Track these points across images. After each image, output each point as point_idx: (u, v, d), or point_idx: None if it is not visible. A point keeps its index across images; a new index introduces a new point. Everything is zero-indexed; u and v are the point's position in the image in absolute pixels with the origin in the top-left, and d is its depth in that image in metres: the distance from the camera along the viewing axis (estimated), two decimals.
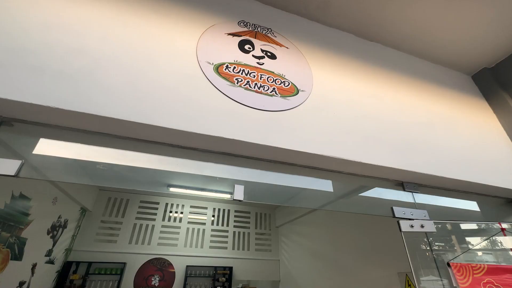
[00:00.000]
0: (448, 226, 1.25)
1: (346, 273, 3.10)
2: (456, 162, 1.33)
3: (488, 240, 1.29)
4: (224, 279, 4.62)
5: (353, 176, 1.21)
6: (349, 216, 3.26)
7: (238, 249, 5.11)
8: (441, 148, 1.35)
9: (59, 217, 3.54)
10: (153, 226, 4.77)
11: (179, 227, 4.92)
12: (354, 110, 1.26)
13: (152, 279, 4.33)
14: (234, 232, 5.23)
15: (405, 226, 1.16)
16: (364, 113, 1.27)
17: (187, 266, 4.54)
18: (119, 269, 4.16)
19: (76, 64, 0.85)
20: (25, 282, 2.96)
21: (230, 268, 4.74)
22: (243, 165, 1.03)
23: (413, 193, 1.29)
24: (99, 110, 0.79)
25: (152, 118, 0.84)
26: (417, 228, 1.15)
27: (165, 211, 4.99)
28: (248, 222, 5.44)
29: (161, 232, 4.77)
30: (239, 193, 0.93)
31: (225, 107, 0.98)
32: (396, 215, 1.15)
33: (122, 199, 4.82)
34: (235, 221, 5.35)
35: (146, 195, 4.98)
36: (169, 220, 4.95)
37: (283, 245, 5.22)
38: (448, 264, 1.08)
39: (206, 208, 5.28)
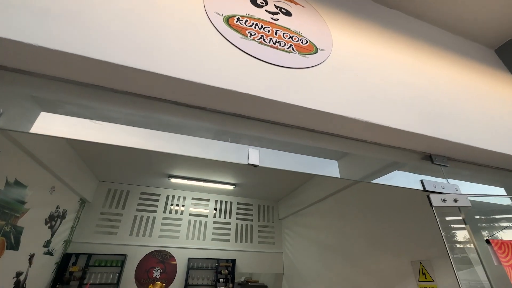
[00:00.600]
0: (483, 201, 1.13)
1: (354, 263, 3.00)
2: (486, 133, 1.21)
3: None
4: (227, 271, 4.52)
5: (378, 146, 1.09)
6: (357, 204, 3.15)
7: (241, 241, 5.01)
8: (471, 118, 1.23)
9: (57, 207, 3.43)
10: (154, 218, 4.67)
11: (180, 219, 4.81)
12: (378, 75, 1.13)
13: (154, 271, 4.24)
14: (236, 225, 5.13)
15: (436, 200, 1.04)
16: (388, 79, 1.14)
17: (189, 258, 4.45)
18: (119, 261, 4.07)
19: (66, 2, 0.73)
20: (22, 272, 2.86)
21: (233, 261, 4.64)
22: (258, 130, 0.90)
23: (442, 167, 1.16)
24: (91, 52, 0.67)
25: (155, 65, 0.72)
26: (450, 203, 1.03)
27: (166, 203, 4.88)
28: (251, 215, 5.33)
29: (162, 224, 4.67)
30: (254, 157, 0.80)
31: (237, 60, 0.85)
32: (427, 188, 1.03)
33: (122, 191, 4.71)
34: (237, 213, 5.24)
35: (147, 187, 4.87)
36: (170, 212, 4.85)
37: (287, 237, 5.12)
38: (488, 241, 0.96)
39: (208, 200, 5.17)
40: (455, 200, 1.03)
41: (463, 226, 1.02)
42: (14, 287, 2.75)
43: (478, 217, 1.13)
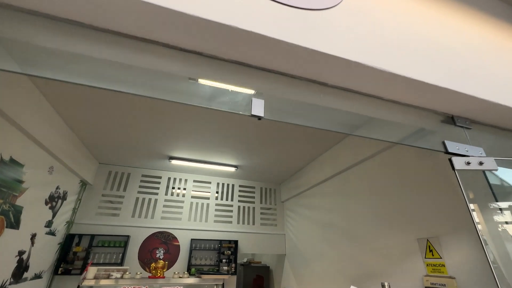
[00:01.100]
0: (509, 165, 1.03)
1: (358, 241, 2.97)
2: None
3: None
4: (229, 252, 4.55)
5: (396, 104, 0.98)
6: (362, 184, 3.07)
7: (243, 223, 5.01)
8: (498, 76, 1.10)
9: (57, 188, 3.39)
10: (156, 200, 4.65)
11: (182, 202, 4.80)
12: (401, 23, 1.00)
13: (157, 251, 4.27)
14: (238, 207, 5.12)
15: (459, 163, 0.94)
16: (412, 28, 1.01)
17: (191, 239, 4.46)
18: (122, 242, 4.08)
19: None
20: (24, 251, 2.86)
21: (236, 242, 4.66)
22: (265, 80, 0.79)
23: (465, 130, 1.06)
24: None
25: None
26: (474, 166, 0.93)
27: (168, 186, 4.85)
28: (253, 197, 5.31)
29: (164, 206, 4.65)
30: (258, 109, 0.70)
31: None
32: (449, 150, 0.93)
33: (123, 173, 4.66)
34: (239, 196, 5.22)
35: (148, 169, 4.82)
36: (172, 194, 4.83)
37: (289, 219, 5.12)
38: None
39: (209, 182, 5.13)
40: (480, 163, 0.93)
41: (489, 191, 0.93)
42: (17, 265, 2.75)
43: (500, 183, 1.04)
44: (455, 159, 0.94)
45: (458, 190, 1.93)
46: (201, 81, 0.73)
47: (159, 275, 2.64)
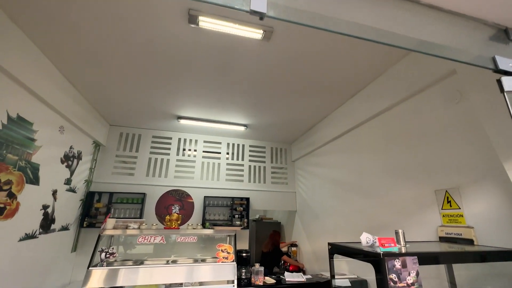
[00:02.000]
0: None
1: (370, 196, 2.92)
2: None
3: None
4: (241, 208, 4.71)
5: (438, 11, 0.78)
6: (376, 138, 2.91)
7: (254, 182, 5.09)
8: None
9: (71, 148, 3.45)
10: (168, 160, 4.73)
11: (194, 161, 4.86)
12: None
13: (172, 208, 4.47)
14: (249, 166, 5.15)
15: (509, 84, 0.76)
16: None
17: (204, 196, 4.61)
18: (139, 199, 4.28)
19: None
20: (48, 206, 3.03)
21: (247, 199, 4.79)
22: None
23: None
24: None
25: None
26: None
27: (179, 146, 4.88)
28: (264, 157, 5.30)
29: (176, 166, 4.74)
30: (259, 3, 0.54)
31: None
32: (500, 67, 0.75)
33: (134, 134, 4.70)
34: (250, 155, 5.22)
35: (158, 131, 4.82)
36: (183, 155, 4.88)
37: (300, 177, 5.14)
38: None
39: (220, 143, 5.11)
40: None
41: None
42: (43, 217, 2.95)
43: None
44: (504, 80, 0.76)
45: (486, 137, 1.75)
46: None
47: (173, 226, 2.76)
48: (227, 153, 5.16)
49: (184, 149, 4.92)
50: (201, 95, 3.41)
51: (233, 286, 2.51)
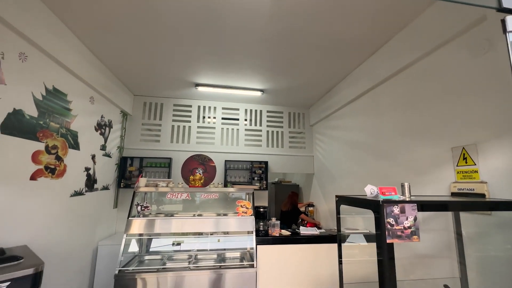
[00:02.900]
0: None
1: (386, 156, 2.94)
2: None
3: None
4: (260, 171, 4.95)
5: None
6: (394, 98, 2.82)
7: (272, 146, 5.24)
8: None
9: (102, 117, 3.77)
10: (189, 127, 4.98)
11: (214, 128, 5.07)
12: None
13: (196, 171, 4.79)
14: (267, 132, 5.26)
15: None
16: None
17: (225, 160, 4.89)
18: (166, 163, 4.67)
19: None
20: (90, 168, 3.46)
21: (266, 163, 4.99)
22: None
23: None
24: None
25: None
26: None
27: (199, 114, 5.07)
28: (281, 122, 5.36)
29: (198, 132, 5.00)
30: None
31: None
32: (504, 5, 0.73)
33: (157, 103, 4.94)
34: (268, 121, 5.30)
35: (178, 99, 5.01)
36: (203, 121, 5.09)
37: (318, 142, 5.18)
38: None
39: (238, 109, 5.22)
40: None
41: None
42: (87, 178, 3.39)
43: None
44: (509, 19, 0.74)
45: (508, 90, 1.65)
46: None
47: (197, 185, 3.04)
48: (245, 120, 5.28)
49: (204, 117, 5.11)
50: (216, 60, 3.44)
51: (252, 235, 2.81)
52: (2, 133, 2.08)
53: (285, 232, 3.04)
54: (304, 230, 3.09)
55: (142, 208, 2.76)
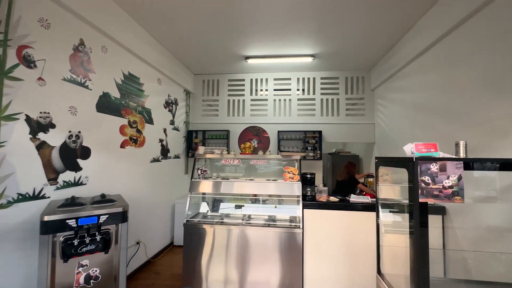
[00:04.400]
0: None
1: (456, 118, 2.48)
2: None
3: None
4: (314, 141, 4.88)
5: None
6: (475, 42, 2.27)
7: (327, 115, 5.03)
8: None
9: (169, 96, 4.37)
10: (243, 100, 5.23)
11: (266, 100, 5.18)
12: None
13: (252, 141, 5.12)
14: (321, 100, 5.05)
15: None
16: None
17: (278, 131, 5.00)
18: (224, 135, 5.12)
19: None
20: (163, 139, 4.14)
21: (320, 132, 4.87)
22: None
23: None
24: None
25: None
26: None
27: (251, 87, 5.24)
28: (337, 88, 5.02)
29: (251, 105, 5.21)
30: None
31: None
32: None
33: (214, 80, 5.33)
34: (321, 88, 5.05)
35: (232, 74, 5.26)
36: (256, 94, 5.25)
37: (379, 107, 4.68)
38: None
39: (289, 79, 5.13)
40: None
41: None
42: (161, 148, 4.09)
43: None
44: None
45: None
46: None
47: (247, 152, 3.29)
48: (298, 89, 5.16)
49: (256, 90, 5.25)
50: (262, 29, 3.43)
51: (299, 199, 2.93)
52: (98, 111, 2.71)
53: (333, 199, 3.04)
54: (354, 198, 3.00)
55: (202, 172, 3.21)
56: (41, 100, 2.08)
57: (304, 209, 2.90)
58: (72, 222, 1.70)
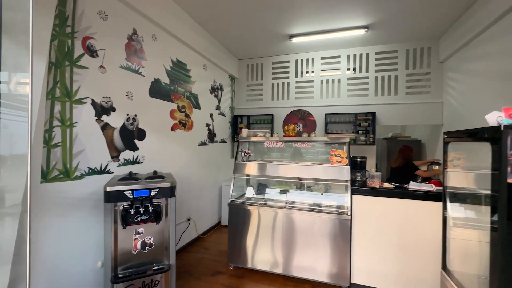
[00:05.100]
0: None
1: None
2: None
3: None
4: (366, 124, 4.45)
5: None
6: None
7: (382, 94, 4.49)
8: None
9: (214, 81, 4.48)
10: (288, 83, 5.05)
11: (312, 81, 4.89)
12: None
13: (297, 126, 4.93)
14: (376, 78, 4.52)
15: None
16: None
17: (325, 114, 4.70)
18: (269, 119, 5.06)
19: None
20: (209, 124, 4.30)
21: (373, 114, 4.40)
22: None
23: None
24: None
25: None
26: None
27: (296, 69, 5.00)
28: (395, 64, 4.41)
29: (296, 87, 5.00)
30: None
31: None
32: None
33: (257, 64, 5.25)
34: (376, 65, 4.50)
35: (276, 56, 5.10)
36: (301, 76, 4.99)
37: (450, 82, 3.95)
38: None
39: (338, 57, 4.71)
40: None
41: None
42: (208, 132, 4.26)
43: None
44: None
45: None
46: None
47: (290, 134, 3.17)
48: (348, 69, 4.71)
49: (302, 72, 4.99)
50: (307, 1, 3.18)
51: (347, 185, 2.71)
52: (150, 96, 2.93)
53: (387, 185, 2.72)
54: (414, 185, 2.63)
55: (245, 154, 3.23)
56: (103, 86, 2.32)
57: (353, 195, 2.68)
58: (128, 194, 1.88)
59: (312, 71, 4.90)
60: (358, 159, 2.88)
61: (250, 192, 3.29)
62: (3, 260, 1.54)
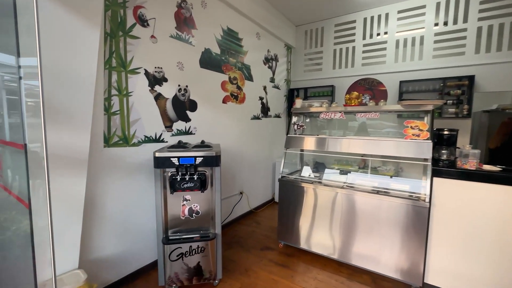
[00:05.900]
0: None
1: None
2: None
3: None
4: (459, 91, 3.48)
5: None
6: None
7: (487, 51, 3.38)
8: None
9: (268, 51, 4.19)
10: (353, 48, 4.34)
11: (385, 42, 4.06)
12: None
13: (362, 98, 4.26)
14: (478, 29, 3.41)
15: None
16: None
17: (400, 82, 3.88)
18: (329, 91, 4.53)
19: None
20: (263, 97, 4.11)
21: (471, 78, 3.39)
22: None
23: None
24: None
25: None
26: None
27: (364, 29, 4.22)
28: (509, 6, 3.20)
29: (363, 52, 4.25)
30: None
31: None
32: None
33: (317, 29, 4.67)
34: (480, 11, 3.37)
35: (339, 17, 4.40)
36: (371, 37, 4.20)
37: None
38: None
39: (423, 6, 3.72)
40: None
41: None
42: (261, 106, 4.08)
43: None
44: None
45: None
46: None
47: (353, 103, 2.69)
48: (436, 24, 3.68)
49: (372, 35, 4.18)
50: None
51: (427, 164, 2.14)
52: (201, 67, 2.89)
53: (488, 167, 2.02)
54: None
55: (298, 127, 2.93)
56: (154, 56, 2.35)
57: (435, 178, 2.11)
58: (175, 160, 1.89)
59: (385, 32, 4.04)
60: (446, 132, 2.23)
61: (306, 171, 2.99)
62: (76, 218, 1.76)
